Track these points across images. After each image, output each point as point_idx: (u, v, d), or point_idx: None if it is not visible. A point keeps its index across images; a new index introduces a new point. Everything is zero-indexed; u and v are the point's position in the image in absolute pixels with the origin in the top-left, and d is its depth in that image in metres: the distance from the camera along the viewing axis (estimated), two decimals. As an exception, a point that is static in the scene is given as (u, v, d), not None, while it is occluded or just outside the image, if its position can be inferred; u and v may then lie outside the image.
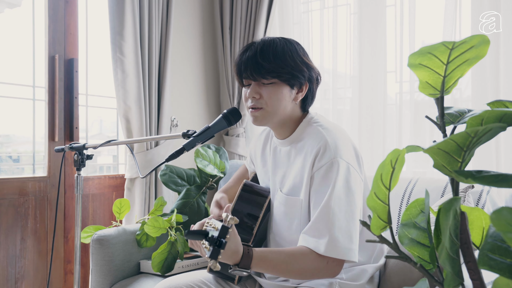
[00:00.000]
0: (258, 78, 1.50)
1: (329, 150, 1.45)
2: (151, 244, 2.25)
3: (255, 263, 1.37)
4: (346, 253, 1.40)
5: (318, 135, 1.51)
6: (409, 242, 0.76)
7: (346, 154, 1.48)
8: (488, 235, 0.58)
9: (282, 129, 1.60)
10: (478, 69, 2.33)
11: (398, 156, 0.70)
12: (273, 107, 1.52)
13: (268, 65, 1.48)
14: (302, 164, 1.52)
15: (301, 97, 1.55)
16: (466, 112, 0.76)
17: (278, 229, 1.60)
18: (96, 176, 2.67)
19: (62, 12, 2.51)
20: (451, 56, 0.69)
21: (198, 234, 1.24)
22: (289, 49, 1.52)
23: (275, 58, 1.49)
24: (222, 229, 1.21)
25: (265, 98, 1.51)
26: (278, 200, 1.60)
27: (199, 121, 3.16)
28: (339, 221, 1.40)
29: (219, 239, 1.20)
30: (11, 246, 2.31)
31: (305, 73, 1.53)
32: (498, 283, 0.57)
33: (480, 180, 0.59)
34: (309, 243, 1.42)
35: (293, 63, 1.50)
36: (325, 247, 1.38)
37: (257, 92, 1.52)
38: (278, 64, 1.48)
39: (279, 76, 1.49)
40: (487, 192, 1.73)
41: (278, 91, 1.51)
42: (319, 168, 1.46)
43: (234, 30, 3.09)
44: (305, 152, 1.52)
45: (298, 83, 1.53)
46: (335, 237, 1.38)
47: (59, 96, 2.49)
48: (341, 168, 1.44)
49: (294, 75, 1.50)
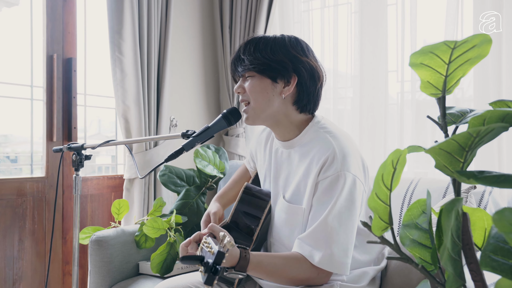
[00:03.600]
0: (240, 72, 1.54)
1: (337, 161, 1.43)
2: (150, 245, 2.24)
3: (252, 267, 1.36)
4: (339, 267, 1.40)
5: (326, 142, 1.48)
6: (411, 243, 0.76)
7: (354, 166, 1.45)
8: (490, 236, 0.58)
9: (281, 130, 1.57)
10: (480, 68, 2.32)
11: (399, 157, 0.70)
12: (256, 101, 1.51)
13: (246, 58, 1.50)
14: (307, 171, 1.49)
15: (288, 92, 1.50)
16: (468, 112, 0.76)
17: (278, 235, 1.58)
18: (94, 176, 2.66)
19: (60, 11, 2.51)
20: (453, 55, 0.69)
21: (193, 259, 1.22)
22: (274, 41, 1.51)
23: (254, 51, 1.50)
24: (218, 255, 1.18)
25: (248, 91, 1.52)
26: (279, 206, 1.57)
27: (199, 121, 3.15)
28: (338, 235, 1.39)
29: (214, 266, 1.18)
30: (8, 247, 2.30)
31: (287, 65, 1.48)
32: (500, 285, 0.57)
33: (482, 180, 0.59)
34: (304, 251, 1.42)
35: (271, 55, 1.48)
36: (320, 259, 1.38)
37: (240, 86, 1.55)
38: (255, 57, 1.49)
39: (254, 68, 1.49)
40: (489, 193, 1.72)
41: (257, 83, 1.50)
42: (324, 178, 1.44)
43: (234, 29, 3.08)
44: (311, 158, 1.49)
45: (281, 76, 1.49)
46: (331, 251, 1.38)
47: (57, 96, 2.48)
48: (347, 181, 1.42)
49: (271, 67, 1.48)
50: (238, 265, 1.33)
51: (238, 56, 1.54)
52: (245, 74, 1.53)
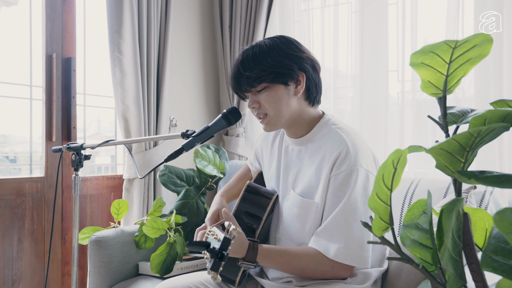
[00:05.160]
0: (249, 88, 1.53)
1: (350, 156, 1.46)
2: (150, 245, 2.24)
3: (261, 259, 1.45)
4: (356, 260, 1.43)
5: (338, 138, 1.51)
6: (411, 243, 0.76)
7: (366, 161, 1.48)
8: (491, 236, 0.58)
9: (294, 128, 1.59)
10: (481, 68, 2.32)
11: (400, 157, 0.70)
12: (275, 110, 1.52)
13: (250, 74, 1.50)
14: (319, 166, 1.52)
15: (301, 90, 1.53)
16: (469, 111, 0.77)
17: (286, 230, 1.60)
18: (94, 176, 2.66)
19: (59, 10, 2.50)
20: (454, 55, 0.69)
21: (199, 245, 1.26)
22: (269, 48, 1.51)
23: (255, 64, 1.50)
24: (224, 241, 1.22)
25: (264, 104, 1.52)
26: (290, 200, 1.59)
27: (199, 121, 3.14)
28: (353, 229, 1.42)
29: (220, 251, 1.20)
30: (8, 248, 2.30)
31: (293, 66, 1.50)
32: (501, 285, 0.57)
33: (483, 180, 0.59)
34: (319, 246, 1.45)
35: (274, 61, 1.49)
36: (335, 252, 1.42)
37: (254, 101, 1.54)
38: (260, 69, 1.49)
39: (265, 80, 1.49)
40: (490, 193, 1.72)
41: (272, 93, 1.51)
42: (337, 174, 1.46)
43: (234, 28, 3.07)
44: (323, 153, 1.52)
45: (291, 78, 1.51)
46: (346, 244, 1.41)
47: (56, 96, 2.48)
48: (359, 176, 1.45)
49: (279, 73, 1.49)
50: (247, 256, 1.43)
51: (240, 74, 1.53)
52: (255, 89, 1.52)
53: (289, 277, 1.55)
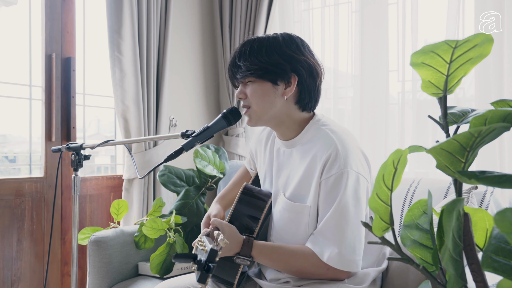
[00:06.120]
0: (239, 78, 1.53)
1: (339, 159, 1.44)
2: (150, 245, 2.23)
3: (256, 253, 1.45)
4: (348, 265, 1.42)
5: (327, 139, 1.48)
6: (412, 243, 0.76)
7: (356, 162, 1.46)
8: (492, 236, 0.58)
9: (283, 129, 1.57)
10: (481, 68, 2.32)
11: (400, 157, 0.69)
12: (258, 105, 1.51)
13: (242, 65, 1.51)
14: (310, 169, 1.50)
15: (290, 92, 1.50)
16: (469, 111, 0.77)
17: (279, 234, 1.58)
18: (93, 176, 2.65)
19: (59, 10, 2.50)
20: (454, 54, 0.69)
21: (186, 257, 1.25)
22: (268, 44, 1.50)
23: (250, 56, 1.50)
24: (211, 253, 1.21)
25: (249, 97, 1.53)
26: (281, 205, 1.57)
27: (198, 121, 3.14)
28: (345, 233, 1.41)
29: (207, 263, 1.19)
30: (7, 248, 2.30)
31: (285, 66, 1.48)
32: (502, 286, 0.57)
33: (484, 180, 0.59)
34: (314, 246, 1.45)
35: (268, 58, 1.48)
36: (329, 256, 1.41)
37: (241, 92, 1.55)
38: (252, 61, 1.49)
39: (252, 74, 1.49)
40: (490, 193, 1.71)
41: (258, 88, 1.51)
42: (327, 177, 1.45)
43: (234, 28, 3.07)
44: (313, 156, 1.50)
45: (281, 78, 1.49)
46: (339, 249, 1.41)
47: (56, 96, 2.47)
48: (350, 179, 1.43)
49: (269, 70, 1.48)
50: (242, 251, 1.45)
51: (234, 62, 1.55)
52: (244, 80, 1.53)
53: (287, 278, 1.54)
